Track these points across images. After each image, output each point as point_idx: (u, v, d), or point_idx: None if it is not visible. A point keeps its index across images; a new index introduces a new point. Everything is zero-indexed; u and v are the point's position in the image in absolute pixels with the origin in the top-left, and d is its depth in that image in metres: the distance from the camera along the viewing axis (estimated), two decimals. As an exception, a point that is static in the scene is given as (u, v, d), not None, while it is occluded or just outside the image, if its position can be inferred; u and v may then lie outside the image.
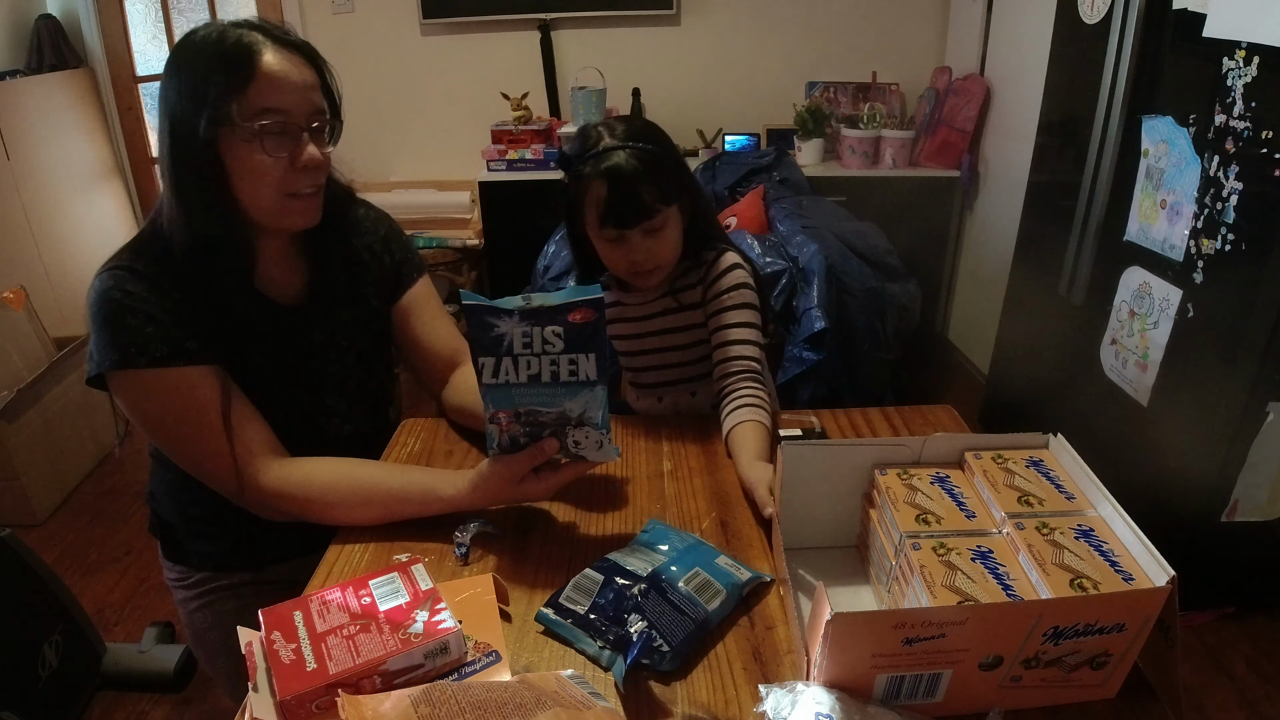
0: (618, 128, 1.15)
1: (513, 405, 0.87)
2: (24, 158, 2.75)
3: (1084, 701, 0.73)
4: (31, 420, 2.34)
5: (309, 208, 1.00)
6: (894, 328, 2.38)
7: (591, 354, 0.84)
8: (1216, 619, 1.87)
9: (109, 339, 0.92)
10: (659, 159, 1.14)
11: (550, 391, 0.86)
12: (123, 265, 0.95)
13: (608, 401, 0.88)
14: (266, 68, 0.90)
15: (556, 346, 0.83)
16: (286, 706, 0.68)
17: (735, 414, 1.12)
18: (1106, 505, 0.76)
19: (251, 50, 0.90)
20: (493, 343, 0.83)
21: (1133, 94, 1.79)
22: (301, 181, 0.96)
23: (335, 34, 3.22)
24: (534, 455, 0.91)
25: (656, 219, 1.15)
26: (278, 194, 0.95)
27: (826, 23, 3.19)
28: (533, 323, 0.82)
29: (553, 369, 0.84)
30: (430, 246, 3.05)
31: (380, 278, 1.16)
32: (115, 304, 0.92)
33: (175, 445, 1.00)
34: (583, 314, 0.82)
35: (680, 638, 0.77)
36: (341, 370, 1.12)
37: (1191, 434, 1.66)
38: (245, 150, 0.92)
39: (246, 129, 0.90)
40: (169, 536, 1.17)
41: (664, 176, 1.14)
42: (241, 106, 0.90)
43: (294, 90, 0.93)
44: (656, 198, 1.13)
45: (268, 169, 0.93)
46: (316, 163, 0.96)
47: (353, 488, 0.98)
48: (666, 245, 1.18)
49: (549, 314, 0.82)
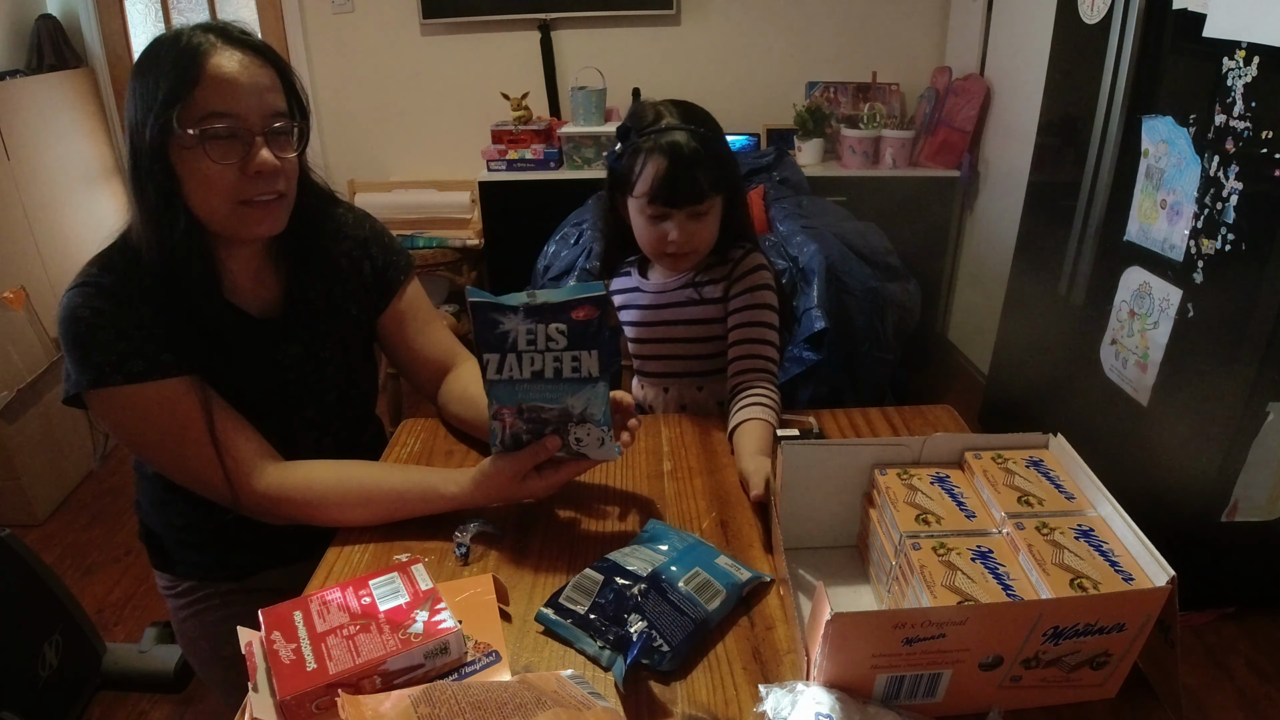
0: (676, 109, 1.18)
1: (516, 401, 0.88)
2: (24, 158, 2.74)
3: (1084, 701, 0.73)
4: (31, 420, 2.34)
5: (269, 215, 0.95)
6: (894, 328, 2.38)
7: (594, 350, 0.85)
8: (1216, 619, 1.87)
9: (81, 359, 0.90)
10: (715, 146, 1.16)
11: (553, 388, 0.86)
12: (90, 281, 0.91)
13: (609, 399, 0.89)
14: (213, 70, 0.87)
15: (559, 343, 0.84)
16: (286, 706, 0.68)
17: (746, 410, 1.12)
18: (1106, 505, 0.76)
19: (199, 52, 0.86)
20: (497, 339, 0.84)
21: (1133, 94, 1.79)
22: (256, 188, 0.91)
23: (335, 34, 3.22)
24: (536, 453, 0.90)
25: (703, 204, 1.16)
26: (230, 202, 0.91)
27: (826, 23, 3.19)
28: (537, 319, 0.84)
29: (555, 365, 0.85)
30: (430, 246, 3.05)
31: (360, 287, 1.12)
32: (83, 323, 0.89)
33: (163, 459, 0.97)
34: (586, 311, 0.83)
35: (680, 638, 0.77)
36: (321, 383, 1.09)
37: (1191, 434, 1.66)
38: (191, 157, 0.88)
39: (189, 136, 0.87)
40: (156, 545, 1.16)
41: (718, 164, 1.16)
42: (186, 111, 0.86)
43: (245, 92, 0.88)
44: (708, 183, 1.15)
45: (216, 176, 0.89)
46: (271, 168, 0.91)
47: (353, 488, 0.98)
48: (705, 232, 1.19)
49: (553, 310, 0.83)
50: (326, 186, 1.10)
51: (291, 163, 0.96)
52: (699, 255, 1.22)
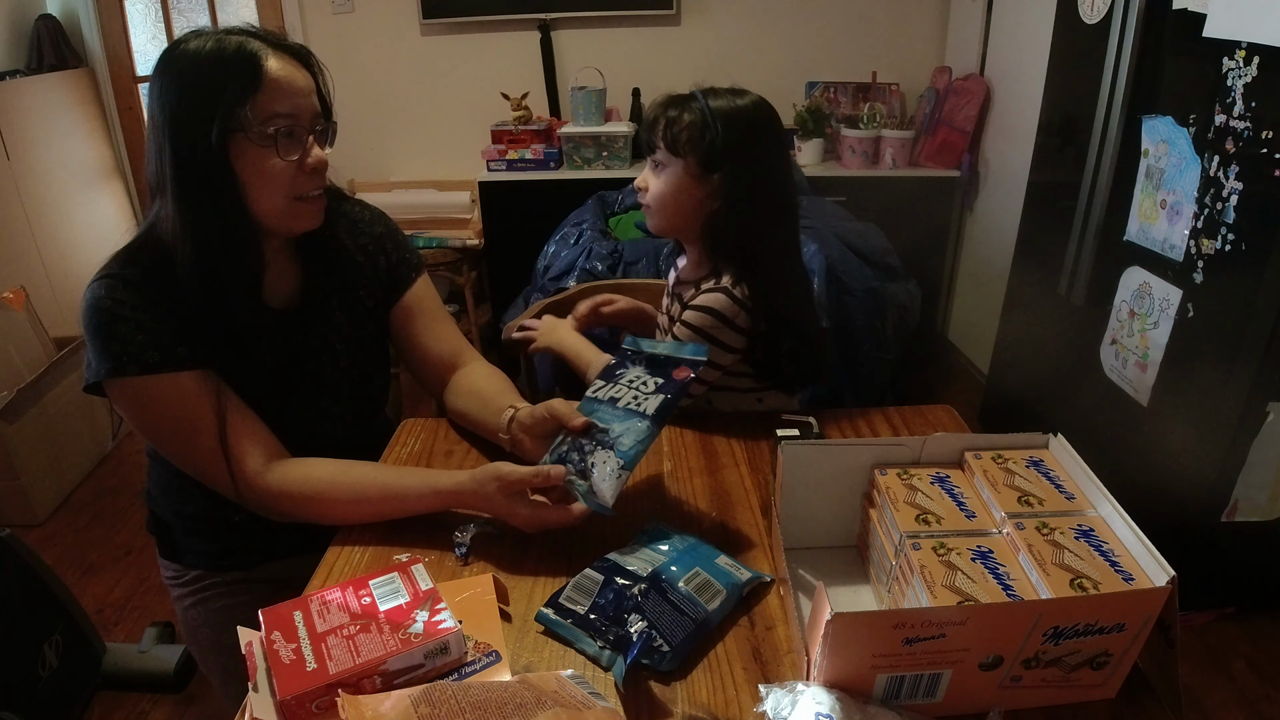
0: (726, 91, 1.20)
1: (588, 414, 0.96)
2: (24, 158, 2.75)
3: (1084, 701, 0.73)
4: (31, 420, 2.34)
5: (316, 210, 1.01)
6: (894, 328, 2.38)
7: (663, 397, 0.93)
8: (1216, 619, 1.87)
9: (101, 348, 0.93)
10: (705, 122, 1.16)
11: (612, 411, 0.94)
12: (113, 273, 0.95)
13: (647, 447, 0.91)
14: (272, 73, 0.92)
15: (648, 388, 0.95)
16: (286, 706, 0.68)
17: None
18: (1106, 505, 0.76)
19: (256, 57, 0.91)
20: (612, 374, 1.00)
21: (1133, 94, 1.79)
22: (310, 183, 0.98)
23: (335, 34, 3.22)
24: (539, 475, 0.91)
25: (658, 153, 1.19)
26: (287, 197, 0.97)
27: (826, 23, 3.19)
28: (649, 370, 0.98)
29: (630, 399, 0.95)
30: (430, 246, 3.05)
31: (375, 279, 1.16)
32: (105, 312, 0.93)
33: (173, 449, 1.00)
34: (683, 372, 0.96)
35: (680, 638, 0.77)
36: (335, 373, 1.12)
37: (1191, 434, 1.66)
38: (258, 155, 0.93)
39: (260, 133, 0.91)
40: (165, 535, 1.17)
41: (692, 132, 1.16)
42: (254, 112, 0.91)
43: (298, 94, 0.94)
44: (667, 139, 1.17)
45: (279, 172, 0.94)
46: (323, 164, 0.98)
47: (352, 485, 0.99)
48: (659, 189, 1.20)
49: (662, 365, 0.98)
50: (332, 183, 1.12)
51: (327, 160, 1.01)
52: (655, 216, 1.23)
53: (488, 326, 3.16)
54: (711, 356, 1.19)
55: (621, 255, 2.40)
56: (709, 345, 1.16)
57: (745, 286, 1.18)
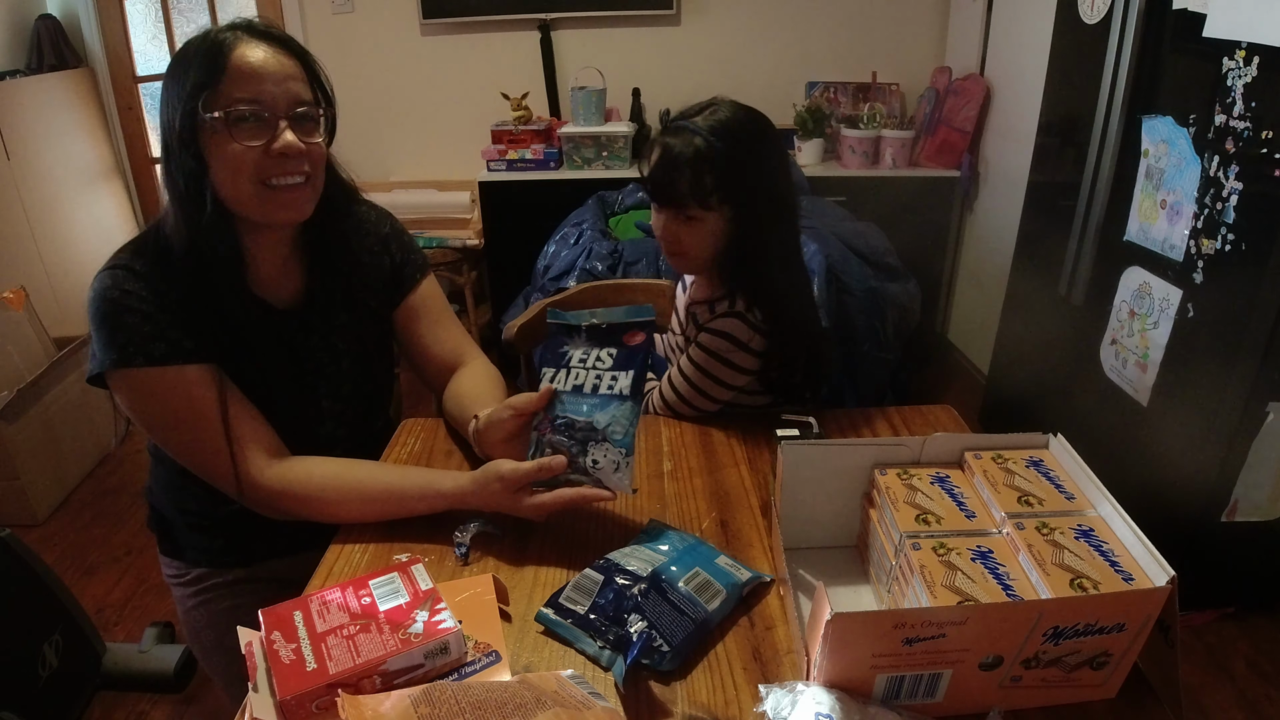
0: (711, 111, 1.14)
1: (554, 412, 0.92)
2: (24, 158, 2.75)
3: (1084, 701, 0.73)
4: (31, 420, 2.34)
5: (294, 199, 0.98)
6: (894, 328, 2.38)
7: (630, 371, 0.91)
8: (1216, 619, 1.87)
9: (107, 338, 0.93)
10: (720, 158, 1.10)
11: (586, 401, 0.92)
12: (121, 264, 0.95)
13: (636, 424, 0.91)
14: (237, 60, 0.91)
15: (606, 364, 0.93)
16: (286, 706, 0.68)
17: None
18: (1106, 505, 0.76)
19: (223, 45, 0.91)
20: (558, 357, 0.94)
21: (1133, 94, 1.79)
22: (280, 168, 0.94)
23: (335, 34, 3.22)
24: (540, 467, 0.91)
25: (690, 209, 1.13)
26: (254, 183, 0.94)
27: (826, 23, 3.19)
28: (595, 342, 0.94)
29: (595, 382, 0.92)
30: (430, 246, 3.05)
31: (380, 280, 1.16)
32: (112, 303, 0.93)
33: (174, 443, 1.00)
34: (637, 336, 0.93)
35: (680, 638, 0.77)
36: (337, 374, 1.12)
37: (1191, 434, 1.66)
38: (219, 140, 0.92)
39: (215, 120, 0.91)
40: (166, 532, 1.17)
41: (716, 177, 1.11)
42: (213, 99, 0.90)
43: (268, 80, 0.92)
44: (692, 190, 1.11)
45: (241, 157, 0.92)
46: (295, 150, 0.94)
47: (352, 485, 0.99)
48: (694, 239, 1.16)
49: (609, 334, 0.93)
50: (351, 182, 1.12)
51: (318, 148, 0.99)
52: (691, 261, 1.20)
53: (488, 327, 3.16)
54: (725, 379, 1.20)
55: (621, 255, 2.40)
56: (724, 368, 1.19)
57: (759, 311, 1.18)
